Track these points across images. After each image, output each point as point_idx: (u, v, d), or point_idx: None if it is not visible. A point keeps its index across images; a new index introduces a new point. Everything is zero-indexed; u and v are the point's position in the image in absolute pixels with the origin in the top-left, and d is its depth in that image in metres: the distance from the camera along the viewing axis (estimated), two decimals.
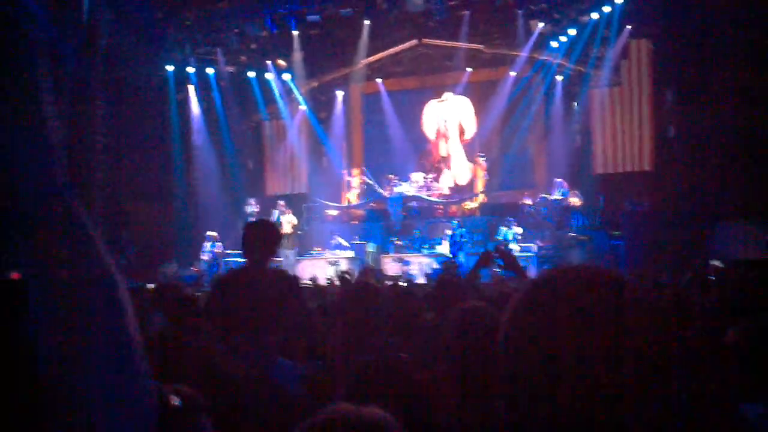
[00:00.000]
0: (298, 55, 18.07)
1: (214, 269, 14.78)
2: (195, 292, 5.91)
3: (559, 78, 17.53)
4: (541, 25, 16.72)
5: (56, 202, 0.79)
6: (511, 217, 14.97)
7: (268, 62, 18.36)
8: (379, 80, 19.32)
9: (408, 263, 15.32)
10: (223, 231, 15.93)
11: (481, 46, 17.98)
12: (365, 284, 3.13)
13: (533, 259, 14.22)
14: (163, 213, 17.34)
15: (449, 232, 15.11)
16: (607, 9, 16.01)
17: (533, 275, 12.97)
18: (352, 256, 15.44)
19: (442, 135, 19.18)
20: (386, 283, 9.29)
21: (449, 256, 14.46)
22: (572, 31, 16.51)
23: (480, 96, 18.53)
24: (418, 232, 16.50)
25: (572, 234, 14.89)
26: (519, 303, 0.96)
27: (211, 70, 18.23)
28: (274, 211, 16.06)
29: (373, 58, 18.80)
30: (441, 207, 17.75)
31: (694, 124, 14.36)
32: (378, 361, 1.67)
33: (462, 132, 19.06)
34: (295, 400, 2.02)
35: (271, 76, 18.61)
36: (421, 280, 12.91)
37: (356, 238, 16.60)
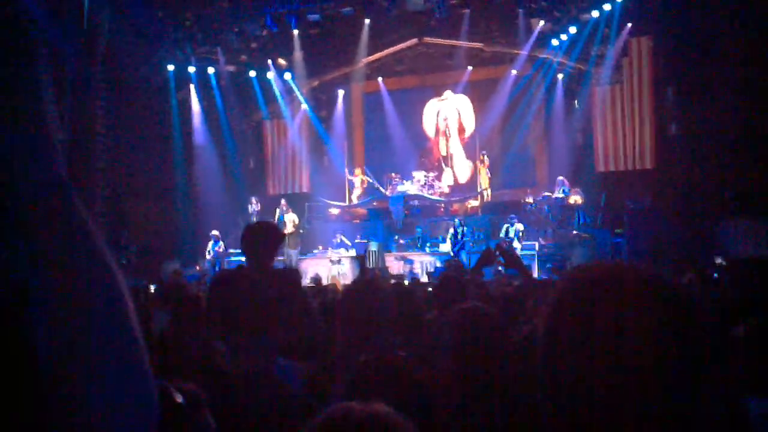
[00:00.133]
0: (298, 54, 18.07)
1: (216, 268, 14.79)
2: (199, 292, 5.91)
3: (560, 76, 17.53)
4: (542, 23, 16.71)
5: (56, 196, 0.79)
6: (513, 215, 14.96)
7: (269, 61, 18.37)
8: (380, 79, 19.32)
9: (411, 262, 15.33)
10: (225, 230, 15.95)
11: (481, 44, 17.98)
12: (367, 283, 3.13)
13: (535, 257, 14.22)
14: (164, 212, 17.34)
15: (451, 231, 15.11)
16: (608, 7, 15.99)
17: (534, 273, 12.96)
18: (354, 255, 15.43)
19: (441, 133, 19.19)
20: (390, 282, 9.30)
21: (451, 254, 14.47)
22: (573, 29, 16.50)
23: (481, 95, 18.52)
24: (420, 230, 16.51)
25: (574, 232, 14.88)
26: (558, 302, 0.96)
27: (211, 70, 18.23)
28: (276, 210, 16.08)
29: (373, 57, 18.81)
30: (443, 205, 17.77)
31: (695, 122, 14.34)
32: (377, 360, 1.66)
33: (462, 130, 19.06)
34: (297, 399, 2.02)
35: (271, 75, 18.62)
36: (424, 278, 12.93)
37: (358, 236, 16.61)
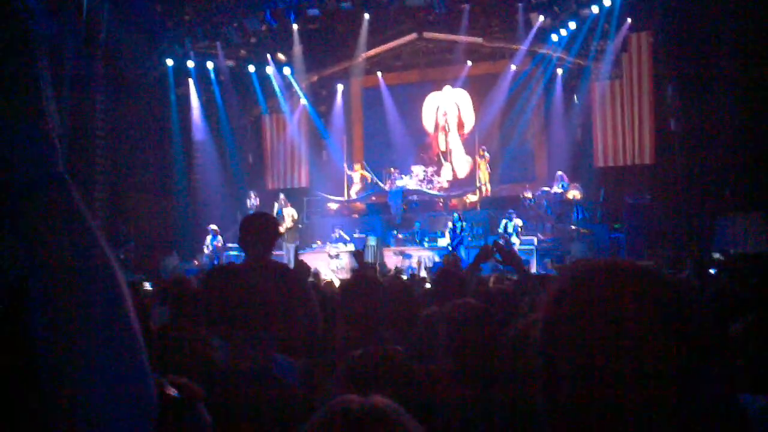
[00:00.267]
0: (297, 49, 18.04)
1: (215, 262, 14.77)
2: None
3: (560, 71, 17.52)
4: (542, 18, 16.68)
5: (55, 192, 0.79)
6: (512, 210, 14.96)
7: (268, 56, 18.34)
8: (379, 74, 19.29)
9: (409, 256, 15.33)
10: (224, 224, 15.94)
11: (481, 39, 17.94)
12: (365, 278, 3.13)
13: (534, 251, 14.23)
14: (163, 206, 17.32)
15: (450, 225, 15.11)
16: (608, 2, 15.96)
17: (533, 268, 12.96)
18: (353, 249, 15.42)
19: (441, 128, 19.18)
20: (389, 275, 9.31)
21: (450, 249, 14.48)
22: (572, 25, 16.47)
23: (480, 89, 18.51)
24: (418, 225, 16.51)
25: (573, 227, 14.89)
26: (557, 299, 0.95)
27: (210, 65, 18.20)
28: (275, 205, 16.07)
29: (373, 52, 18.77)
30: (442, 200, 17.76)
31: (694, 117, 14.32)
32: (372, 353, 1.67)
33: (461, 125, 19.05)
34: (296, 395, 2.02)
35: (271, 70, 18.59)
36: (422, 273, 12.92)
37: (357, 231, 16.62)
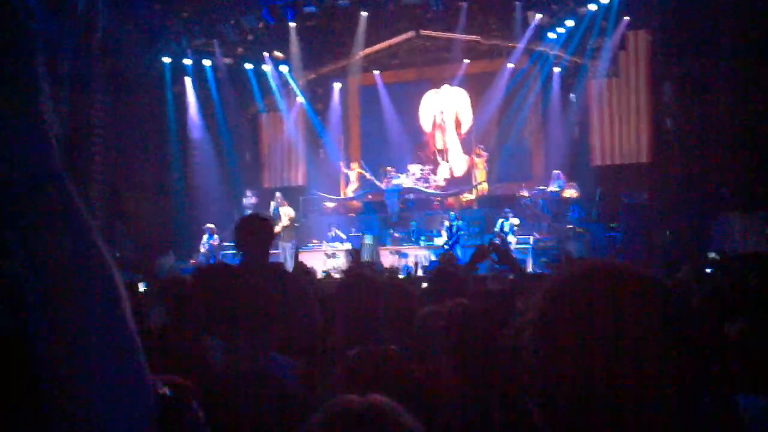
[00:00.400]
0: (295, 47, 18.01)
1: (211, 262, 14.76)
2: None
3: (557, 69, 17.52)
4: (539, 16, 16.68)
5: (52, 190, 0.78)
6: (509, 209, 14.97)
7: (265, 54, 18.32)
8: (377, 72, 19.28)
9: (405, 255, 15.33)
10: (221, 223, 15.92)
11: (478, 37, 17.94)
12: (361, 277, 3.13)
13: (530, 251, 14.24)
14: (159, 205, 17.30)
15: (447, 224, 15.11)
16: (605, 0, 15.97)
17: (529, 268, 12.97)
18: (349, 248, 15.43)
19: (438, 126, 19.17)
20: (384, 276, 9.29)
21: (446, 248, 14.48)
22: (570, 23, 16.47)
23: (477, 88, 18.50)
24: (415, 224, 16.50)
25: (569, 226, 14.89)
26: (553, 299, 0.94)
27: (208, 62, 18.17)
28: (272, 203, 16.06)
29: (370, 50, 18.74)
30: (438, 199, 17.76)
31: (692, 116, 14.35)
32: (368, 353, 1.66)
33: (458, 124, 19.05)
34: (294, 395, 2.02)
35: (268, 68, 18.56)
36: (419, 272, 12.93)
37: (353, 230, 16.61)
